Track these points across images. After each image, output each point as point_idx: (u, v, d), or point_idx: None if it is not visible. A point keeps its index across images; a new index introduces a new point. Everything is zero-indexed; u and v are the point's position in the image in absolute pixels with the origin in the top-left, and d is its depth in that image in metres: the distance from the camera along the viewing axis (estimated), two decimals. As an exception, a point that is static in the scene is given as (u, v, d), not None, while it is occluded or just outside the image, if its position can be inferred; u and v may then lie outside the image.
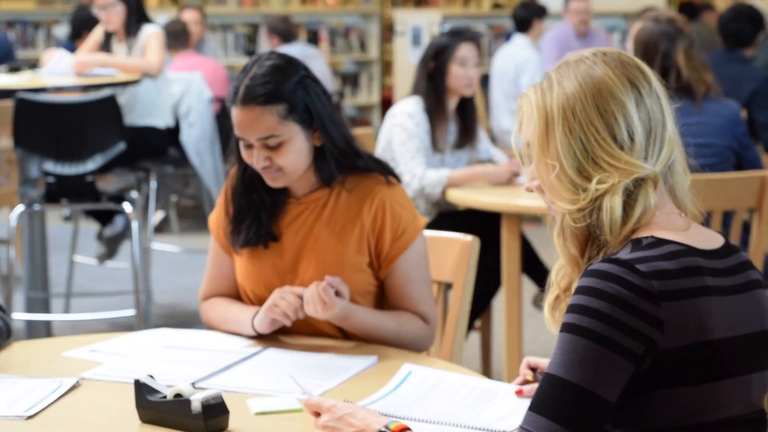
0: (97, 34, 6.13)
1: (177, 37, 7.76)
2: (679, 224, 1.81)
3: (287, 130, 2.48)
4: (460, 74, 4.43)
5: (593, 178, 1.77)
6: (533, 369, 2.17)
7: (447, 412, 2.06)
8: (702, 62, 3.93)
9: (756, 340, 1.80)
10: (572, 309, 1.72)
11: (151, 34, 5.89)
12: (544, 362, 2.14)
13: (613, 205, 1.76)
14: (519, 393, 2.14)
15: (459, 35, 4.51)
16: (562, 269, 1.86)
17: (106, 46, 6.03)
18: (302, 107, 2.50)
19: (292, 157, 2.50)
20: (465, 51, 4.45)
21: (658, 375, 1.72)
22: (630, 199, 1.77)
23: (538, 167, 1.82)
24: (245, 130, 2.48)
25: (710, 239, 1.82)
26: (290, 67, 2.51)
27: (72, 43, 7.39)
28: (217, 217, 2.67)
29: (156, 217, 7.73)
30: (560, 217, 1.82)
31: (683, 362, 1.72)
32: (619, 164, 1.76)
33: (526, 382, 2.16)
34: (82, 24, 7.42)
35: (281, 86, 2.47)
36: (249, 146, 2.51)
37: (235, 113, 2.48)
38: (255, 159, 2.50)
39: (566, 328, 1.72)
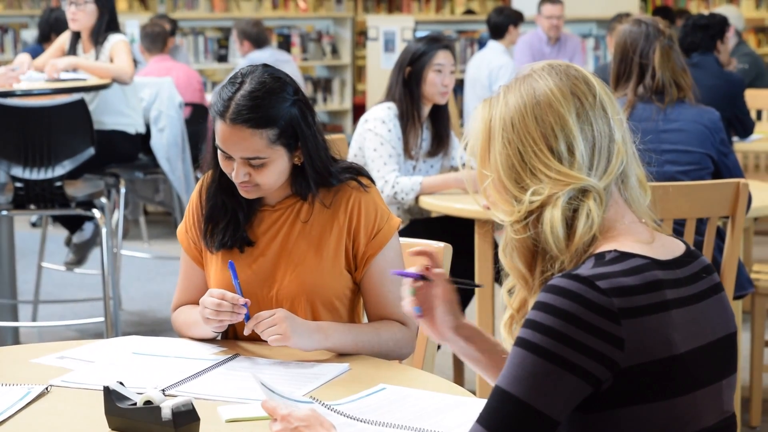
0: (62, 40, 6.02)
1: (154, 40, 7.70)
2: (643, 234, 1.79)
3: (273, 153, 2.47)
4: (436, 81, 4.42)
5: (530, 189, 1.77)
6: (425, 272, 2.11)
7: (408, 417, 2.07)
8: (681, 65, 3.93)
9: (723, 345, 1.80)
10: (526, 324, 1.70)
11: (117, 41, 5.78)
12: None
13: (553, 217, 1.75)
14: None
15: (436, 42, 4.49)
16: (513, 289, 1.85)
17: (71, 53, 5.92)
18: (291, 132, 2.48)
19: (272, 176, 2.49)
20: (442, 58, 4.44)
21: (622, 392, 1.70)
22: (573, 212, 1.76)
23: (481, 179, 1.83)
24: (230, 146, 2.46)
25: (673, 248, 1.81)
26: (284, 90, 2.47)
27: (40, 46, 7.33)
28: (185, 228, 2.64)
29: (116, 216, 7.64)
30: (505, 232, 1.82)
31: (650, 378, 1.70)
32: (556, 175, 1.76)
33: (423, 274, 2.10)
34: (50, 27, 7.36)
35: (274, 111, 2.45)
36: (229, 158, 2.48)
37: (222, 128, 2.45)
38: (234, 173, 2.48)
39: (518, 342, 1.70)
